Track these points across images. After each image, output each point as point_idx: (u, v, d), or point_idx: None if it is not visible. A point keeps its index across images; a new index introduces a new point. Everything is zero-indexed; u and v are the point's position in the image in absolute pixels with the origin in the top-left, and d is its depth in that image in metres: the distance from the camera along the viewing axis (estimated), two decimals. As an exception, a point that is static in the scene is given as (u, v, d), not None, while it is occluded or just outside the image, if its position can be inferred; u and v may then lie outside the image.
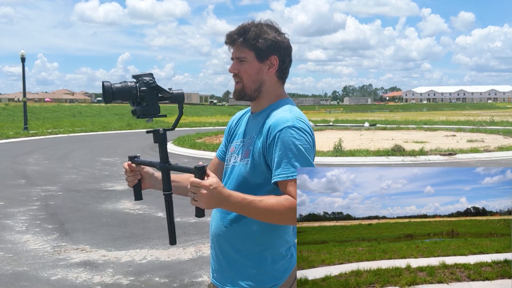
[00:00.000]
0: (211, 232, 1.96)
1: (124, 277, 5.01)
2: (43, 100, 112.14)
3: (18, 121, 38.19)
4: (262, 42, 1.82)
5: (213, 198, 1.56)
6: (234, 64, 1.87)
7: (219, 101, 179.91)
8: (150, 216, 7.71)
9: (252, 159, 1.79)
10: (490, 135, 22.80)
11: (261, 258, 1.81)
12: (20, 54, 27.60)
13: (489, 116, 39.05)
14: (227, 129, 2.08)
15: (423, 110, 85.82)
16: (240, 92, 1.88)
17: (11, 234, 6.69)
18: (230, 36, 1.86)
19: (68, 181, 11.24)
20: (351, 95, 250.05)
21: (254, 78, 1.85)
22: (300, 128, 1.72)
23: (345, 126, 32.46)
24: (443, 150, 15.46)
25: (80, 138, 25.55)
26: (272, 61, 1.85)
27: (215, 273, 1.96)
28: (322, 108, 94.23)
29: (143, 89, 1.71)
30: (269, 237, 1.80)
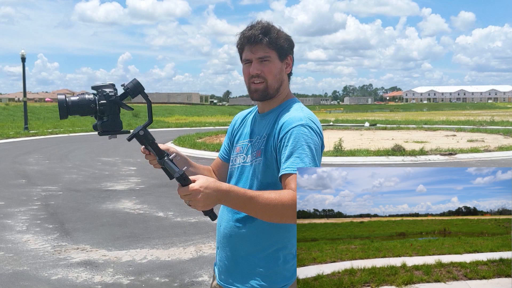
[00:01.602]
0: (220, 233, 1.93)
1: (125, 276, 5.02)
2: (43, 100, 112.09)
3: (19, 121, 38.19)
4: (283, 41, 1.83)
5: (209, 198, 1.50)
6: (256, 65, 1.83)
7: (219, 101, 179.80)
8: (151, 215, 7.73)
9: (264, 159, 1.79)
10: (491, 135, 22.78)
11: (274, 257, 1.80)
12: (21, 54, 27.59)
13: (489, 116, 39.02)
14: (230, 129, 2.07)
15: (424, 110, 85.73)
16: (264, 91, 1.84)
17: (11, 234, 6.71)
18: (255, 36, 1.81)
19: (69, 181, 11.25)
20: (351, 95, 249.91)
21: (277, 77, 1.85)
22: (312, 128, 1.74)
23: (346, 126, 32.42)
24: (444, 150, 15.46)
25: (81, 138, 25.55)
26: (288, 60, 1.87)
27: (222, 274, 1.93)
28: (323, 108, 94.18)
29: (103, 102, 1.56)
30: (282, 236, 1.80)
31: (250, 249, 1.83)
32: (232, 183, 1.91)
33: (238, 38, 1.87)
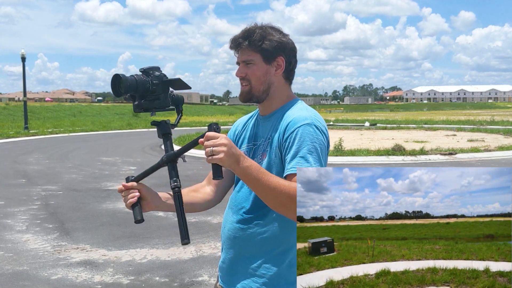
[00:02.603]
0: (225, 234, 1.91)
1: (125, 276, 5.01)
2: (43, 99, 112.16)
3: (19, 121, 38.18)
4: (268, 43, 1.81)
5: (231, 152, 1.54)
6: (241, 68, 1.85)
7: (220, 100, 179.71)
8: (151, 215, 7.72)
9: (269, 159, 1.78)
10: (491, 135, 22.81)
11: (278, 261, 1.78)
12: (21, 54, 27.60)
13: (489, 116, 39.04)
14: (232, 135, 2.04)
15: (424, 110, 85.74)
16: (248, 94, 1.85)
17: (11, 234, 6.70)
18: (235, 40, 1.84)
19: (69, 181, 11.25)
20: (351, 94, 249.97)
21: (262, 80, 1.83)
22: (318, 127, 1.72)
23: (346, 126, 32.44)
24: (444, 150, 15.46)
25: (81, 137, 25.56)
26: (279, 62, 1.84)
27: (225, 276, 1.91)
28: (323, 108, 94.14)
29: (156, 82, 1.66)
30: (287, 240, 1.77)
31: (253, 251, 1.81)
32: (238, 187, 1.90)
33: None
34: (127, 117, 51.64)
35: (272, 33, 1.83)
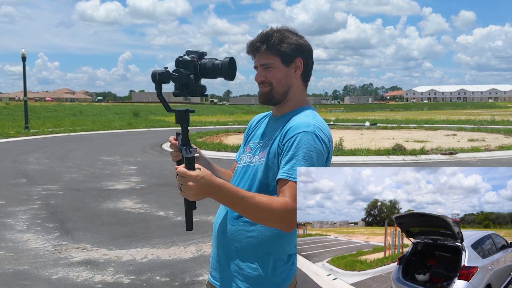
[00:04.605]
0: (215, 230, 1.94)
1: (125, 276, 5.02)
2: (44, 99, 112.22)
3: (19, 120, 38.17)
4: (286, 46, 1.82)
5: (201, 189, 1.52)
6: (260, 72, 1.85)
7: (220, 100, 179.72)
8: (151, 215, 7.72)
9: (267, 159, 1.79)
10: (491, 134, 22.80)
11: (264, 261, 1.79)
12: (21, 53, 27.57)
13: (489, 115, 39.03)
14: (246, 131, 2.08)
15: (424, 109, 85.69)
16: (268, 95, 1.86)
17: (12, 233, 6.70)
18: (253, 45, 1.85)
19: (69, 180, 11.25)
20: (351, 94, 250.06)
21: (283, 82, 1.84)
22: (318, 136, 1.72)
23: (346, 125, 32.42)
24: (444, 149, 15.46)
25: (81, 137, 25.55)
26: (297, 63, 1.85)
27: (213, 272, 1.94)
28: (323, 108, 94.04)
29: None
30: (275, 242, 1.78)
31: (240, 249, 1.82)
32: (234, 180, 1.91)
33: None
34: (128, 116, 51.63)
35: (289, 36, 1.85)
